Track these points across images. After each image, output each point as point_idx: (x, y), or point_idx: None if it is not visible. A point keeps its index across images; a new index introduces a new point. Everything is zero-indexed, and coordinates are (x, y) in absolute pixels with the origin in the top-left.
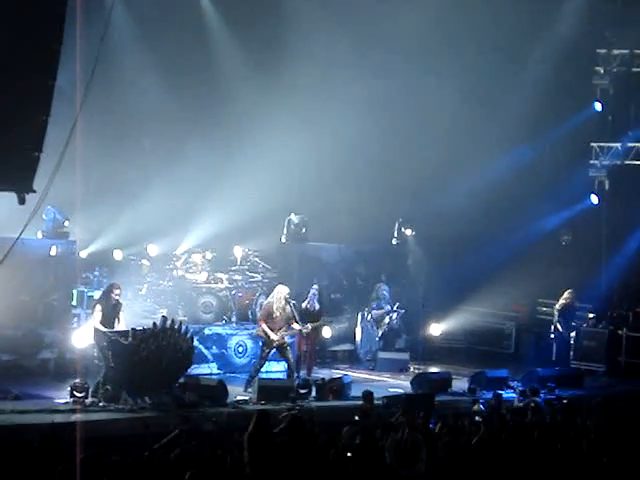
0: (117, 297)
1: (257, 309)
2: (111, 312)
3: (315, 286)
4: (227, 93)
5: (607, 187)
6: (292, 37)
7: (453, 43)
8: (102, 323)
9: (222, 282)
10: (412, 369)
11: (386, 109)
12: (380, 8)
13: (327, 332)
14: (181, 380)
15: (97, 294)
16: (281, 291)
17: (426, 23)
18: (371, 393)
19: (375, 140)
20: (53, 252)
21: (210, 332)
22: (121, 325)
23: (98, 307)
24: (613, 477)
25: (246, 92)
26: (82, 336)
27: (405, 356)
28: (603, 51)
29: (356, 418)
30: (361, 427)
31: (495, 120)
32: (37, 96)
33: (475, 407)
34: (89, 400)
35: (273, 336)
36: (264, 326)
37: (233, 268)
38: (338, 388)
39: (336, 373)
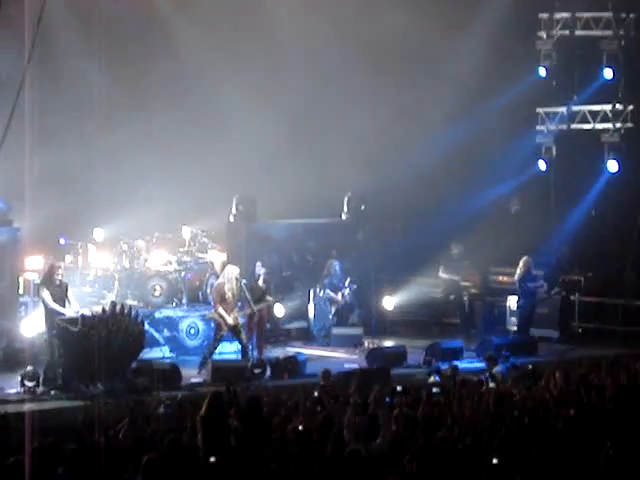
0: (59, 277)
1: (207, 290)
2: (57, 293)
3: (259, 264)
4: (172, 74)
5: (554, 153)
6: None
7: (390, 12)
8: None
9: (171, 264)
10: (366, 344)
11: (330, 84)
12: None
13: (279, 310)
14: (133, 365)
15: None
16: (231, 271)
17: None
18: (328, 371)
19: (321, 115)
20: None
21: (161, 315)
22: (73, 305)
23: (44, 289)
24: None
25: (192, 73)
26: (31, 324)
27: (359, 331)
28: (545, 15)
29: (316, 394)
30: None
31: (437, 89)
32: None
33: (431, 379)
34: (40, 389)
35: (229, 320)
36: (220, 310)
37: (181, 249)
38: (293, 366)
39: (290, 351)
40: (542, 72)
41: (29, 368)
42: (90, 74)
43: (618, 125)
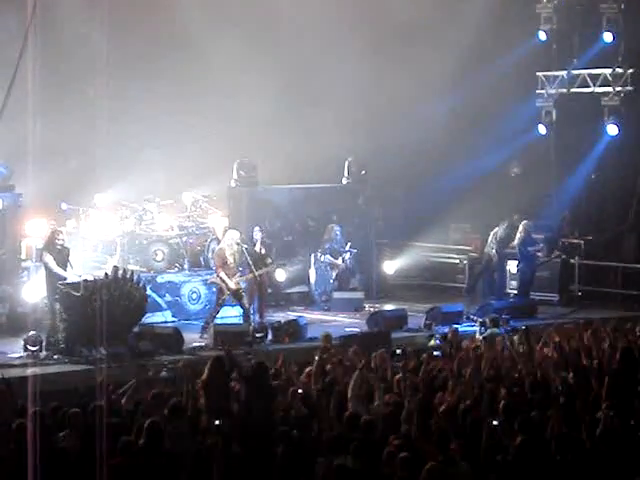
0: (61, 242)
1: (209, 255)
2: (59, 258)
3: (257, 228)
4: (172, 40)
5: (554, 117)
6: None
7: None
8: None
9: (173, 229)
10: (367, 308)
11: (330, 47)
12: None
13: (281, 275)
14: (135, 329)
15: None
16: (232, 236)
17: None
18: (329, 334)
19: (321, 79)
20: None
21: (163, 280)
22: (75, 270)
23: (46, 254)
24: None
25: (192, 37)
26: (33, 289)
27: (360, 295)
28: None
29: (316, 358)
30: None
31: (438, 53)
32: None
33: (431, 342)
34: (43, 353)
35: (231, 284)
36: (222, 275)
37: (183, 214)
38: (294, 330)
39: (291, 315)
40: (542, 36)
41: (32, 333)
42: (91, 39)
43: (618, 89)
